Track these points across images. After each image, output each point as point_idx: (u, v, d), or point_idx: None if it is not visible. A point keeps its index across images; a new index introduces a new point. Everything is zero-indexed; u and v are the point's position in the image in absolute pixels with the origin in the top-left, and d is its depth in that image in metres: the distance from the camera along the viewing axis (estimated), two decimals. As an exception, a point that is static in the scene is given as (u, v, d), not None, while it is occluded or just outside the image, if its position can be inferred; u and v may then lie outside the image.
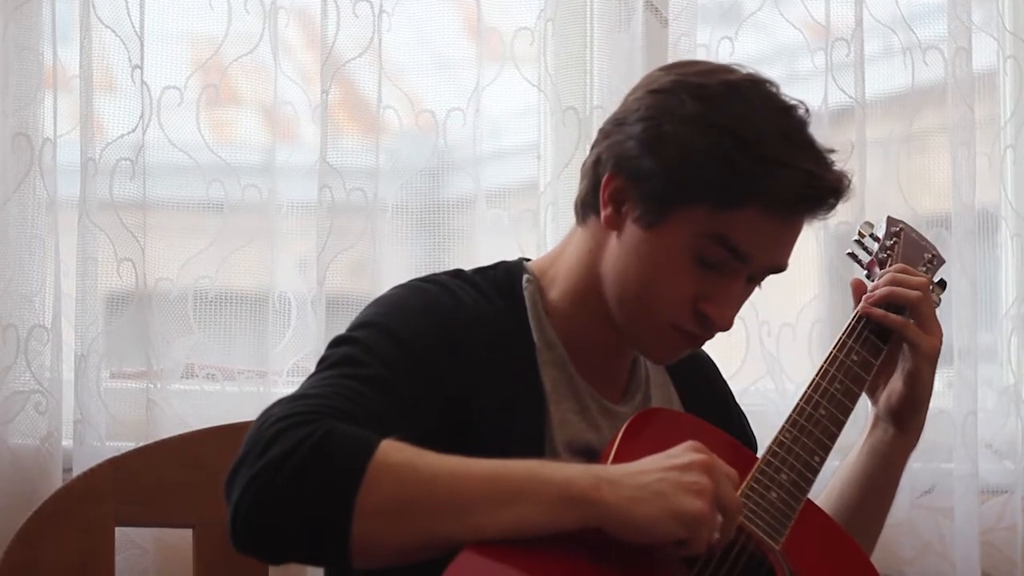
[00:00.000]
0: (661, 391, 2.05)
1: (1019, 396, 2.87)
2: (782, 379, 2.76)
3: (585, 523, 1.66)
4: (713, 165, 1.82)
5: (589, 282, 1.93)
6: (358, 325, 1.85)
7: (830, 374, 1.99)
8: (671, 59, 2.69)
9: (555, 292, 1.95)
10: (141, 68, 2.45)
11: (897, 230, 2.19)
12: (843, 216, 2.78)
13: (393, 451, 1.65)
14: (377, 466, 1.63)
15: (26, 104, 2.39)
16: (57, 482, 2.36)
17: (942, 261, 2.21)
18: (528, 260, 2.01)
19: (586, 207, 1.94)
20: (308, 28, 2.67)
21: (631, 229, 1.88)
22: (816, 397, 1.97)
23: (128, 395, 2.48)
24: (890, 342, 2.05)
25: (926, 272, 2.16)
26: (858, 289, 2.11)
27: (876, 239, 2.19)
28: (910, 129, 2.87)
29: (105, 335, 2.44)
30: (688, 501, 1.66)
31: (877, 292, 2.05)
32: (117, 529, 2.16)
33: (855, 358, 2.02)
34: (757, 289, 2.15)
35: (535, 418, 1.88)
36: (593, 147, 1.94)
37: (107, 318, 2.48)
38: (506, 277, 1.96)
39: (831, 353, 2.02)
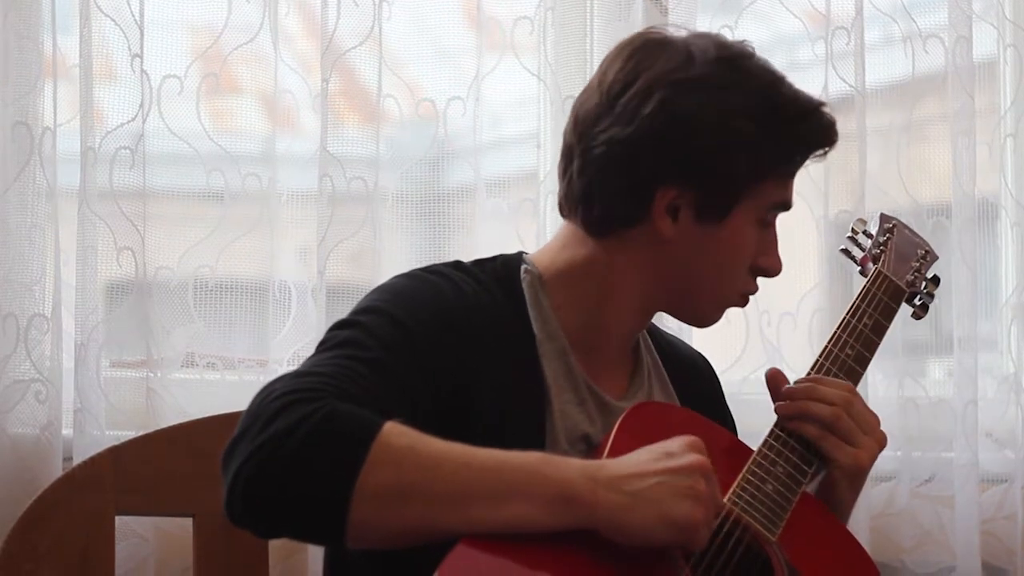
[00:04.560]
0: (662, 389, 2.05)
1: (1019, 385, 2.87)
2: (782, 368, 2.74)
3: (580, 525, 1.67)
4: (770, 143, 1.90)
5: (584, 277, 1.94)
6: (360, 310, 1.85)
7: (824, 367, 2.01)
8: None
9: (554, 287, 1.95)
10: (141, 57, 2.45)
11: (890, 226, 2.19)
12: (843, 205, 2.79)
13: (396, 434, 1.65)
14: (380, 448, 1.63)
15: (26, 93, 2.39)
16: (57, 471, 2.36)
17: (935, 257, 2.21)
18: (525, 253, 2.01)
19: (611, 223, 1.93)
20: (308, 17, 2.67)
21: (692, 229, 1.91)
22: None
23: (128, 384, 2.48)
24: None
25: (919, 268, 2.16)
26: (773, 380, 2.04)
27: (869, 236, 2.19)
28: (910, 118, 2.87)
29: (105, 324, 2.44)
30: (683, 507, 1.68)
31: (790, 406, 1.97)
32: (117, 518, 2.17)
33: (849, 352, 2.03)
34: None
35: (537, 408, 1.88)
36: (603, 170, 1.91)
37: (107, 307, 2.48)
38: (504, 269, 1.96)
39: (826, 346, 2.04)
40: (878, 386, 2.78)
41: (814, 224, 2.79)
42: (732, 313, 2.70)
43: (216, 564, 2.17)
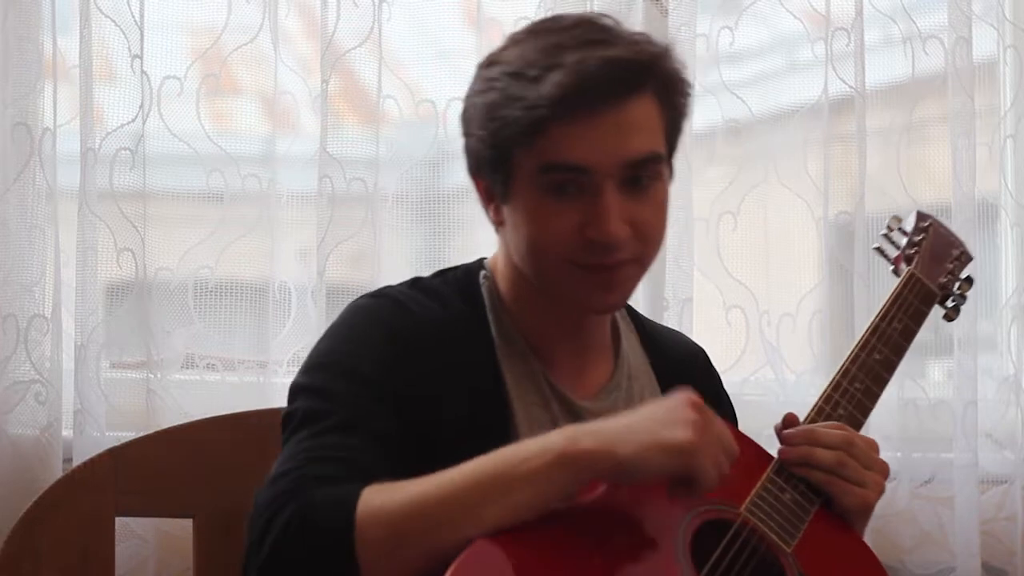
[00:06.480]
0: (648, 390, 2.02)
1: (1019, 386, 2.87)
2: (782, 369, 2.76)
3: (578, 479, 1.68)
4: (501, 111, 1.83)
5: (518, 274, 1.93)
6: (311, 367, 1.87)
7: (842, 387, 1.98)
8: (671, 49, 2.70)
9: (502, 287, 1.95)
10: (141, 58, 2.45)
11: (926, 225, 2.16)
12: (843, 206, 2.79)
13: (372, 495, 1.69)
14: (363, 516, 1.67)
15: (26, 94, 2.39)
16: (57, 472, 2.36)
17: (970, 258, 2.20)
18: (485, 259, 2.01)
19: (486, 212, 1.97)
20: (308, 18, 2.67)
21: (506, 213, 1.89)
22: (835, 396, 1.96)
23: (128, 385, 2.48)
24: None
25: (952, 269, 2.15)
26: (786, 424, 1.98)
27: (904, 233, 2.16)
28: (910, 119, 2.86)
29: (105, 325, 2.44)
30: (676, 433, 1.68)
31: (792, 451, 1.92)
32: (117, 519, 2.17)
33: (878, 356, 2.00)
34: (758, 278, 2.13)
35: (499, 413, 1.89)
36: None
37: (107, 308, 2.48)
38: (465, 277, 1.97)
39: (855, 350, 2.01)
40: (878, 387, 2.78)
41: (814, 225, 2.78)
42: (732, 314, 2.75)
43: (216, 565, 2.16)
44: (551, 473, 1.67)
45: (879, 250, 2.20)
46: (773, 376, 2.76)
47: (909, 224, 2.18)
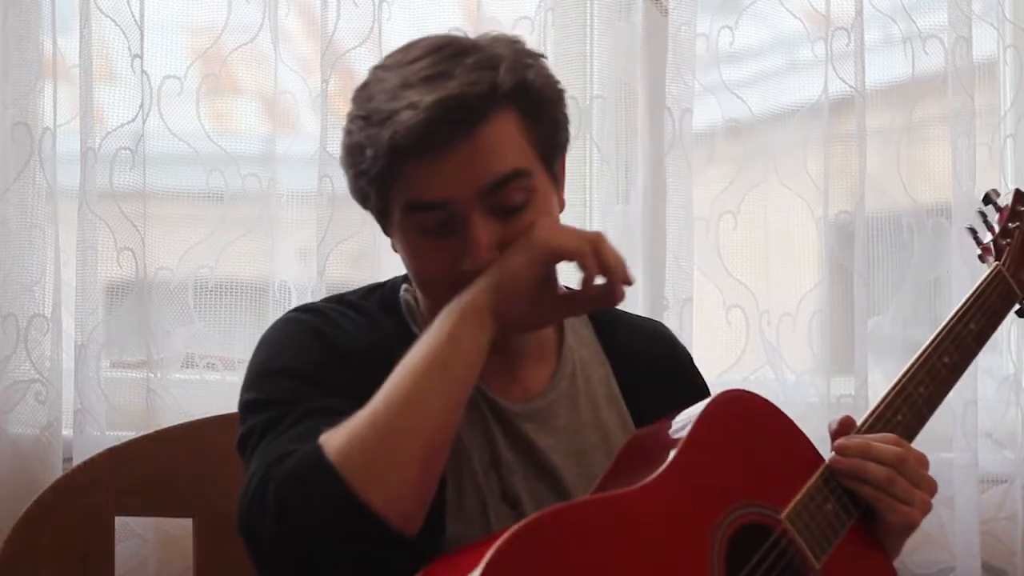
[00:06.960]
0: (598, 380, 2.00)
1: (1019, 385, 2.87)
2: (782, 368, 2.76)
3: (502, 316, 1.76)
4: (356, 157, 1.83)
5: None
6: (256, 381, 1.87)
7: (906, 391, 1.95)
8: (671, 49, 2.70)
9: (423, 302, 1.93)
10: (141, 57, 2.46)
11: (1023, 210, 2.06)
12: (843, 206, 2.79)
13: (330, 438, 1.69)
14: (333, 455, 1.67)
15: (26, 93, 2.40)
16: (57, 471, 2.36)
17: None
18: None
19: None
20: (308, 17, 2.67)
21: (395, 243, 1.90)
22: (897, 401, 1.93)
23: (128, 384, 2.48)
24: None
25: None
26: (842, 427, 1.94)
27: (999, 210, 2.07)
28: (910, 118, 2.86)
29: (105, 324, 2.44)
30: (562, 238, 1.78)
31: (844, 463, 1.88)
32: (117, 518, 2.17)
33: (947, 360, 1.97)
34: (758, 277, 2.11)
35: None
36: None
37: (107, 307, 2.48)
38: (390, 292, 1.96)
39: (926, 349, 1.97)
40: (878, 386, 2.78)
41: (814, 224, 2.78)
42: (732, 314, 2.74)
43: (216, 565, 2.17)
44: (474, 327, 1.75)
45: (971, 230, 2.11)
46: (773, 376, 2.76)
47: (1005, 201, 2.08)
